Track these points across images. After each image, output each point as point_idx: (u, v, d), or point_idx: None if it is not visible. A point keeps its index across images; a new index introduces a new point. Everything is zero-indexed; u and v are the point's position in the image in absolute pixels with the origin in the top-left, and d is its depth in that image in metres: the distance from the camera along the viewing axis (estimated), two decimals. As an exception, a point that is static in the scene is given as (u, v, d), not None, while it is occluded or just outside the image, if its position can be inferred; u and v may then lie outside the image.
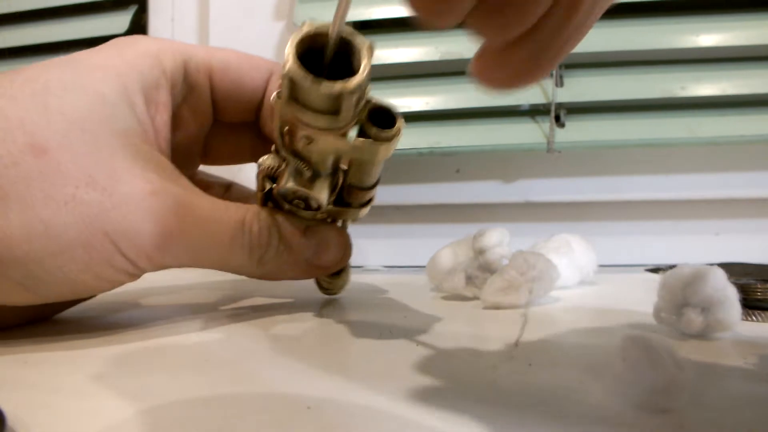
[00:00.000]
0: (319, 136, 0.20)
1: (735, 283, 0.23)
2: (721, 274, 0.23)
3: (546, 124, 0.45)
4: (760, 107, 0.44)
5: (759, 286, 0.27)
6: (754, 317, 0.26)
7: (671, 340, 0.22)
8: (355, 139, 0.21)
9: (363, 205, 0.27)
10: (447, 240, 0.35)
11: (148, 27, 0.55)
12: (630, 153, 0.47)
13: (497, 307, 0.29)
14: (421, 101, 0.46)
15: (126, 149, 0.22)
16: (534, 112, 0.46)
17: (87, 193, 0.21)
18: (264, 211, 0.25)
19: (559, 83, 0.45)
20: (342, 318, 0.27)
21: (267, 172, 0.25)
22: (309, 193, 0.23)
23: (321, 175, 0.23)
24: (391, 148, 0.22)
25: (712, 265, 0.23)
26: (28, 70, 0.22)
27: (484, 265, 0.31)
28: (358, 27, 0.49)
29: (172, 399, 0.16)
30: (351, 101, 0.19)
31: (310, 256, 0.26)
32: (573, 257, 0.35)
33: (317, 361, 0.20)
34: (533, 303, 0.29)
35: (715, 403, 0.16)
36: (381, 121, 0.21)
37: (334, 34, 0.18)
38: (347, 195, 0.26)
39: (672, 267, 0.24)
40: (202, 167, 0.33)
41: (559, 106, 0.45)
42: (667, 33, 0.44)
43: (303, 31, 0.19)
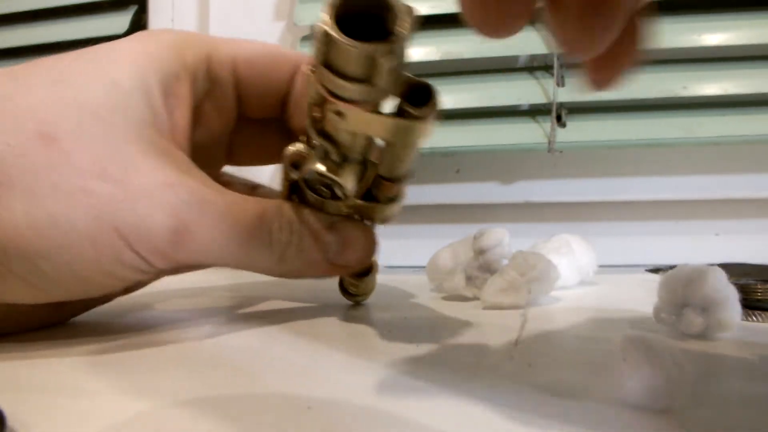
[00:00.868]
0: (350, 110, 0.19)
1: (735, 284, 0.23)
2: (721, 274, 0.23)
3: (547, 124, 0.45)
4: (762, 107, 0.44)
5: (759, 287, 0.27)
6: (754, 317, 0.26)
7: (671, 340, 0.22)
8: (388, 116, 0.20)
9: (391, 200, 0.25)
10: (447, 240, 0.35)
11: (148, 27, 0.55)
12: (631, 153, 0.47)
13: (497, 307, 0.29)
14: (421, 101, 0.46)
15: (140, 140, 0.21)
16: (535, 111, 0.46)
17: (98, 185, 0.20)
18: (286, 205, 0.24)
19: (560, 83, 0.45)
20: (342, 318, 0.27)
21: (293, 158, 0.23)
22: (335, 178, 0.22)
23: (349, 161, 0.22)
24: (427, 130, 0.20)
25: (712, 265, 0.23)
26: (47, 61, 0.22)
27: (484, 265, 0.31)
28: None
29: (172, 399, 0.16)
30: (386, 67, 0.17)
31: (334, 254, 0.25)
32: (573, 257, 0.35)
33: (318, 361, 0.20)
34: (533, 303, 0.29)
35: (715, 403, 0.16)
36: (417, 99, 0.20)
37: None
38: (375, 188, 0.25)
39: (672, 267, 0.24)
40: (227, 168, 0.31)
41: (560, 105, 0.45)
42: (669, 33, 0.44)
43: None
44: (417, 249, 0.50)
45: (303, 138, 0.23)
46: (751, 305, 0.26)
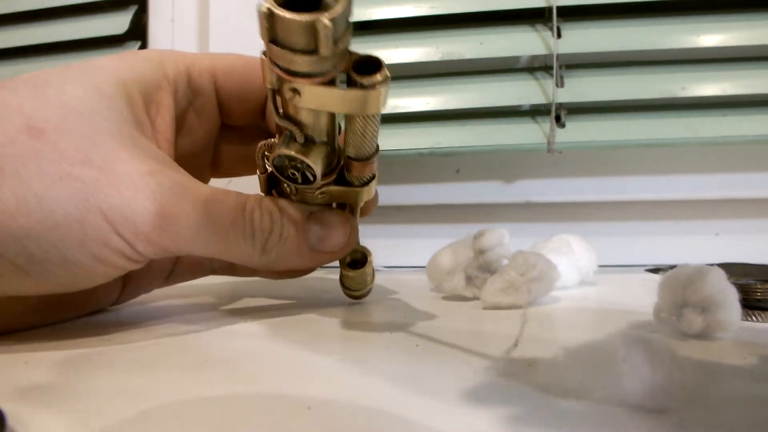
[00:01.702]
0: (304, 86, 0.20)
1: (735, 283, 0.23)
2: (721, 274, 0.23)
3: (546, 125, 0.45)
4: (761, 107, 0.44)
5: (759, 286, 0.27)
6: (754, 317, 0.26)
7: (671, 340, 0.22)
8: (341, 89, 0.21)
9: (365, 184, 0.26)
10: (447, 240, 0.35)
11: (148, 27, 0.55)
12: (630, 153, 0.47)
13: (497, 307, 0.29)
14: (421, 101, 0.46)
15: (122, 135, 0.22)
16: (534, 112, 0.47)
17: (82, 171, 0.21)
18: (266, 198, 0.25)
19: (560, 83, 0.45)
20: (342, 318, 0.27)
21: (261, 149, 0.24)
22: (302, 158, 0.23)
23: (315, 142, 0.23)
24: (379, 99, 0.21)
25: (712, 265, 0.23)
26: (30, 73, 0.23)
27: (484, 265, 0.31)
28: (358, 27, 0.49)
29: (172, 399, 0.16)
30: (327, 34, 0.18)
31: (316, 240, 0.26)
32: (573, 257, 0.35)
33: (317, 361, 0.20)
34: (533, 303, 0.29)
35: (715, 403, 0.16)
36: (367, 71, 0.21)
37: None
38: (347, 172, 0.25)
39: (672, 267, 0.24)
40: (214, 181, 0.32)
41: (560, 106, 0.45)
42: (668, 33, 0.44)
43: None
44: (417, 249, 0.50)
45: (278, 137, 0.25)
46: (751, 305, 0.26)
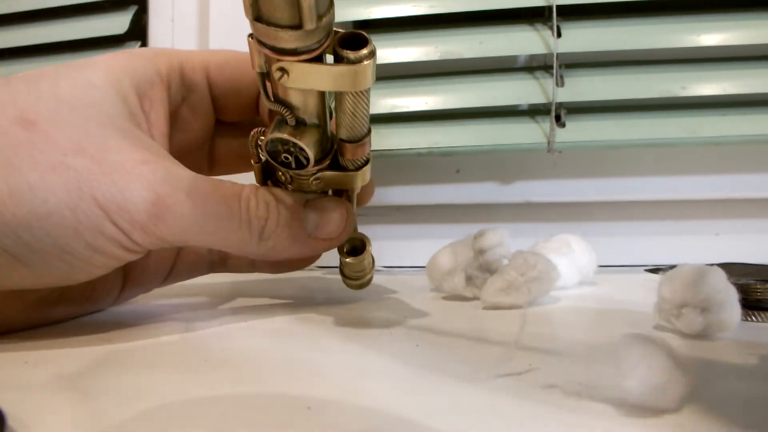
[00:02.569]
0: (292, 64, 0.20)
1: (735, 283, 0.23)
2: (721, 274, 0.23)
3: (546, 124, 0.45)
4: (761, 107, 0.44)
5: (759, 286, 0.27)
6: (754, 317, 0.26)
7: (671, 340, 0.22)
8: (328, 65, 0.21)
9: (359, 168, 0.26)
10: (447, 240, 0.35)
11: (148, 27, 0.55)
12: (630, 153, 0.47)
13: (497, 307, 0.29)
14: (420, 101, 0.46)
15: (115, 127, 0.22)
16: (534, 111, 0.46)
17: (75, 160, 0.21)
18: (262, 188, 0.25)
19: (560, 83, 0.45)
20: (342, 318, 0.27)
21: (254, 137, 0.25)
22: (294, 140, 0.23)
23: (307, 124, 0.23)
24: (369, 72, 0.21)
25: (712, 265, 0.23)
26: (23, 73, 0.23)
27: (484, 265, 0.31)
28: (358, 27, 0.49)
29: (171, 399, 0.16)
30: (311, 5, 0.18)
31: (313, 227, 0.26)
32: (573, 257, 0.35)
33: (317, 361, 0.20)
34: (533, 303, 0.29)
35: (715, 403, 0.16)
36: (353, 46, 0.21)
37: None
38: (341, 156, 0.25)
39: (672, 267, 0.24)
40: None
41: (560, 105, 0.45)
42: (668, 32, 0.44)
43: None
44: (417, 249, 0.50)
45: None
46: (751, 305, 0.26)
